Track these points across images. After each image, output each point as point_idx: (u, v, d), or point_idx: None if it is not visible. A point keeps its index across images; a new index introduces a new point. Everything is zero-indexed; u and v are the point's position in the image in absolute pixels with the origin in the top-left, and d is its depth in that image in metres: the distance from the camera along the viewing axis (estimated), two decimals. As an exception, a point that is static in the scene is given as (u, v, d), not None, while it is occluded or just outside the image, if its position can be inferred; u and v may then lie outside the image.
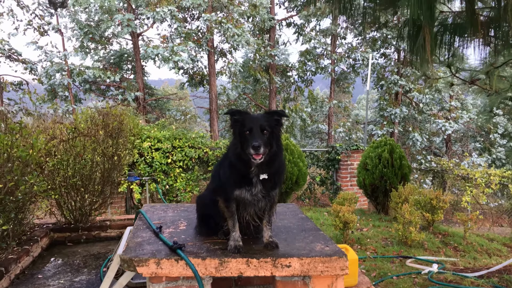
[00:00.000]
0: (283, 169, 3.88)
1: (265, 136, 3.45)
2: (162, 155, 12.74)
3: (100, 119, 7.40)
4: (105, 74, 23.60)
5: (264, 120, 3.56)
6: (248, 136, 3.44)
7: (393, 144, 11.82)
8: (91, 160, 7.39)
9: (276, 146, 3.59)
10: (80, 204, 7.62)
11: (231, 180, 3.60)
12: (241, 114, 3.69)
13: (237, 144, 3.56)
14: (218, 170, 3.81)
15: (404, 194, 10.47)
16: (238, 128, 3.58)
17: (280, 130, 3.77)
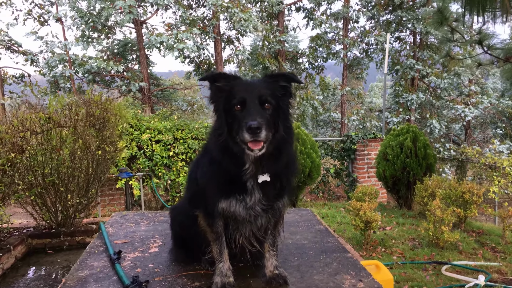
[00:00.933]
0: (294, 165, 2.85)
1: (267, 112, 2.49)
2: (163, 148, 11.73)
3: (80, 108, 6.39)
4: (108, 64, 22.61)
5: (265, 87, 2.58)
6: (240, 114, 2.48)
7: (416, 132, 10.68)
8: (71, 155, 6.39)
9: (285, 128, 2.60)
10: (62, 205, 6.65)
11: (213, 186, 2.59)
12: (227, 78, 2.66)
13: (221, 128, 2.57)
14: (195, 170, 2.79)
15: (430, 187, 9.37)
16: (223, 102, 2.59)
17: (290, 104, 2.75)
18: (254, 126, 2.29)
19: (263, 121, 2.38)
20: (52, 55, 22.67)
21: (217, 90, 2.69)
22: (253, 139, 2.34)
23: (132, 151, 11.22)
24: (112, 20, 23.28)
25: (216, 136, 2.60)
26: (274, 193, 2.66)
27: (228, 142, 2.53)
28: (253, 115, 2.39)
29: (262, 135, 2.34)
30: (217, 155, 2.58)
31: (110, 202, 11.80)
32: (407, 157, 10.49)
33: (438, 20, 13.35)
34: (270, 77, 2.74)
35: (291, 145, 2.69)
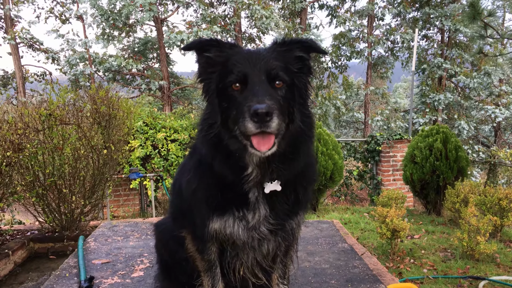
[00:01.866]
0: (314, 170, 2.32)
1: (278, 92, 1.98)
2: (179, 147, 11.28)
3: (84, 103, 5.96)
4: (128, 62, 22.40)
5: (275, 58, 2.05)
6: (239, 95, 1.96)
7: (447, 132, 9.99)
8: (74, 154, 5.97)
9: (302, 117, 2.09)
10: (66, 208, 6.24)
11: (202, 198, 2.06)
12: (220, 47, 2.13)
13: (213, 117, 2.07)
14: (179, 177, 2.28)
15: (463, 193, 8.68)
16: (216, 79, 2.09)
17: (309, 83, 2.21)
18: (262, 111, 1.74)
19: (274, 103, 1.82)
20: (73, 53, 22.57)
21: (207, 63, 2.16)
22: (260, 130, 1.79)
23: (147, 150, 10.81)
24: (133, 18, 23.06)
25: (206, 129, 2.07)
26: (286, 208, 2.12)
27: (223, 136, 2.01)
28: (260, 95, 1.83)
29: (274, 124, 1.79)
30: (207, 155, 2.05)
31: (125, 203, 11.42)
32: (436, 159, 9.81)
33: (470, 15, 12.61)
34: (282, 45, 2.17)
35: (310, 141, 2.14)
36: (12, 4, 22.89)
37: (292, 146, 2.05)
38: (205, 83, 2.21)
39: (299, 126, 2.07)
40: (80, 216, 6.42)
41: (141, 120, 11.01)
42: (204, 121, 2.16)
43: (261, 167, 2.07)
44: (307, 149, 2.12)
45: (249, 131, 1.82)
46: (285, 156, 2.05)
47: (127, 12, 20.83)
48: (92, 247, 2.83)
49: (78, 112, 5.88)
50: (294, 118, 2.04)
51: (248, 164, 2.07)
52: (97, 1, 21.46)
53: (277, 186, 2.07)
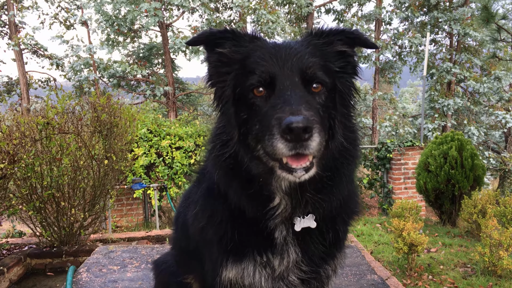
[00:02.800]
0: (357, 198, 1.97)
1: (316, 99, 1.65)
2: (184, 155, 10.96)
3: (84, 111, 5.65)
4: (133, 68, 22.17)
5: (311, 54, 1.70)
6: (264, 103, 1.63)
7: (462, 140, 9.61)
8: (73, 164, 5.66)
9: (346, 131, 1.76)
10: (64, 221, 5.93)
11: (213, 238, 1.72)
12: (237, 40, 1.78)
13: (228, 132, 1.73)
14: (184, 210, 1.93)
15: (480, 203, 8.29)
16: (232, 83, 1.75)
17: (354, 87, 1.85)
18: (299, 125, 1.38)
19: (313, 115, 1.47)
20: (77, 59, 22.37)
21: (220, 61, 1.79)
22: (294, 153, 1.45)
23: (151, 159, 10.49)
24: (138, 24, 22.86)
25: (219, 147, 1.72)
26: (322, 249, 1.76)
27: (241, 157, 1.65)
28: (294, 103, 1.48)
29: (314, 144, 1.44)
30: (220, 181, 1.70)
31: (128, 212, 11.09)
32: (451, 168, 9.42)
33: (483, 18, 12.25)
34: (319, 36, 1.81)
35: (354, 164, 1.78)
36: (16, 10, 22.75)
37: (332, 169, 1.69)
38: (218, 87, 1.83)
39: (341, 144, 1.71)
40: (79, 230, 6.11)
41: (145, 127, 10.71)
42: (216, 137, 1.79)
43: (292, 197, 1.68)
44: (350, 174, 1.76)
45: (279, 153, 1.45)
46: (322, 183, 1.68)
47: (132, 17, 20.62)
48: (84, 280, 2.49)
49: (77, 121, 5.56)
50: (335, 133, 1.69)
51: (275, 192, 1.68)
52: (102, 7, 21.27)
53: (311, 222, 1.70)
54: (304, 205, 1.69)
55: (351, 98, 1.81)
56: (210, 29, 1.80)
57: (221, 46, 1.79)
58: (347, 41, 1.83)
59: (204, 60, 1.86)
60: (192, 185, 2.07)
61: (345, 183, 1.73)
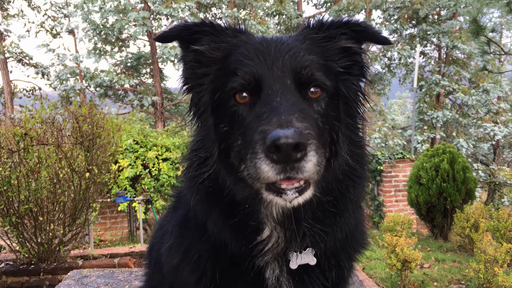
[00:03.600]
0: (363, 228, 1.74)
1: (314, 106, 1.40)
2: (171, 167, 10.68)
3: (64, 122, 5.40)
4: (120, 78, 21.89)
5: (308, 51, 1.44)
6: (248, 112, 1.38)
7: (454, 152, 9.48)
8: (53, 177, 5.38)
9: (350, 147, 1.52)
10: (43, 237, 5.63)
11: (190, 280, 1.46)
12: (217, 33, 1.54)
13: (206, 147, 1.50)
14: (158, 242, 1.70)
15: (473, 217, 8.13)
16: (211, 86, 1.50)
17: (361, 92, 1.62)
18: (288, 141, 1.14)
19: (308, 127, 1.23)
20: (63, 68, 22.04)
21: (197, 61, 1.55)
22: (284, 177, 1.21)
23: (137, 170, 10.20)
24: (126, 33, 22.62)
25: (196, 166, 1.48)
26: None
27: (223, 177, 1.41)
28: (283, 112, 1.24)
29: (309, 165, 1.20)
30: (197, 208, 1.46)
31: (112, 226, 10.76)
32: (443, 181, 9.28)
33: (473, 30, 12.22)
34: (319, 29, 1.55)
35: (362, 186, 1.55)
36: (1, 18, 22.40)
37: (336, 193, 1.44)
38: (194, 92, 1.58)
39: (346, 162, 1.47)
40: (59, 246, 5.82)
41: (131, 137, 10.43)
42: (193, 154, 1.55)
43: (286, 228, 1.42)
44: (357, 199, 1.52)
45: (263, 176, 1.21)
46: (323, 210, 1.43)
47: (120, 26, 20.40)
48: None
49: (58, 131, 5.30)
50: (339, 149, 1.44)
51: (265, 222, 1.42)
52: (89, 15, 21.01)
53: (310, 258, 1.46)
54: (301, 237, 1.43)
55: (358, 105, 1.57)
56: (184, 22, 1.56)
57: (198, 43, 1.55)
58: (353, 35, 1.57)
59: (179, 60, 1.62)
60: (167, 212, 1.81)
61: (352, 211, 1.49)
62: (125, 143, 9.93)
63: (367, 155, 1.60)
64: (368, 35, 1.60)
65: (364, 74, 1.64)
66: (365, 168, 1.59)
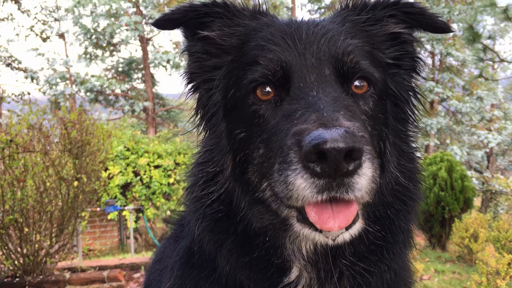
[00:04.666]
0: (408, 264, 1.45)
1: (361, 104, 1.12)
2: (163, 174, 10.44)
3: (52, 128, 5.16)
4: (111, 82, 21.61)
5: (350, 34, 1.15)
6: (272, 111, 1.08)
7: (452, 161, 9.33)
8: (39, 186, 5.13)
9: (400, 159, 1.25)
10: (28, 249, 5.37)
11: None
12: (232, 15, 1.22)
13: (216, 159, 1.21)
14: (156, 278, 1.45)
15: (472, 227, 7.97)
16: (224, 81, 1.20)
17: (414, 89, 1.37)
18: (338, 146, 0.86)
19: (361, 128, 0.96)
20: (53, 72, 21.71)
21: (206, 52, 1.27)
22: (329, 196, 0.93)
23: (128, 178, 9.94)
24: (117, 37, 22.37)
25: (202, 184, 1.21)
26: None
27: (237, 200, 1.15)
28: (325, 108, 0.97)
29: (363, 181, 0.93)
30: (204, 238, 1.18)
31: (102, 235, 10.46)
32: (441, 190, 9.11)
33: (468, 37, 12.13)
34: (361, 9, 1.27)
35: (415, 209, 1.28)
36: (-10, 22, 22.09)
37: (383, 220, 1.17)
38: (202, 90, 1.31)
39: (396, 180, 1.20)
40: (45, 258, 5.55)
41: (122, 144, 10.17)
42: (198, 168, 1.28)
43: (319, 267, 1.14)
44: (409, 227, 1.26)
45: (298, 195, 0.93)
46: (368, 242, 1.15)
47: (111, 30, 20.16)
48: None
49: (45, 138, 5.05)
50: (386, 163, 1.18)
51: (292, 260, 1.14)
52: (80, 19, 20.74)
53: None
54: (338, 278, 1.14)
55: (410, 107, 1.31)
56: (190, 3, 1.29)
57: (208, 28, 1.27)
58: (403, 19, 1.31)
59: (183, 51, 1.35)
60: (167, 241, 1.53)
61: (403, 243, 1.23)
62: (115, 150, 9.68)
63: (420, 170, 1.33)
64: (423, 19, 1.33)
65: (416, 68, 1.39)
66: (418, 186, 1.33)
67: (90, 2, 19.60)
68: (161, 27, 1.30)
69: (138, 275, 5.83)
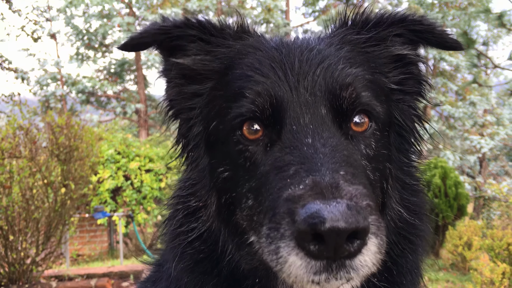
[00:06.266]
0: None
1: (361, 145, 0.97)
2: (154, 178, 10.29)
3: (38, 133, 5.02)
4: (103, 84, 21.42)
5: (348, 60, 1.00)
6: (261, 153, 0.94)
7: (446, 167, 9.28)
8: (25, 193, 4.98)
9: (403, 194, 1.15)
10: (13, 257, 5.22)
11: None
12: (211, 35, 1.12)
13: (199, 194, 1.09)
14: None
15: (466, 234, 7.91)
16: (206, 112, 1.09)
17: (418, 116, 1.23)
18: (340, 226, 0.75)
19: (365, 194, 0.83)
20: (44, 73, 21.48)
21: (184, 76, 1.15)
22: (325, 279, 0.82)
23: (118, 182, 9.78)
24: (110, 38, 22.20)
25: (182, 218, 1.09)
26: None
27: (223, 240, 1.03)
28: (323, 166, 0.84)
29: (367, 259, 0.82)
30: (182, 279, 1.04)
31: (91, 240, 10.30)
32: (435, 196, 9.05)
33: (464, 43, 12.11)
34: (362, 27, 1.15)
35: (423, 247, 1.18)
36: (-19, 21, 21.82)
37: (388, 261, 1.03)
38: (182, 119, 1.20)
39: (400, 217, 1.09)
40: (31, 266, 5.40)
41: (113, 147, 10.02)
42: (178, 200, 1.16)
43: None
44: (417, 266, 1.14)
45: (291, 273, 0.83)
46: (371, 286, 1.04)
47: (103, 31, 20.00)
48: None
49: (31, 143, 4.91)
50: (388, 200, 1.06)
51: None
52: (72, 20, 20.55)
53: None
54: None
55: (415, 137, 1.19)
56: (161, 22, 1.16)
57: (181, 52, 1.14)
58: (411, 37, 1.17)
59: (160, 75, 1.23)
60: (142, 285, 1.40)
61: (412, 283, 1.12)
62: (106, 153, 9.52)
63: (427, 203, 1.21)
64: (432, 37, 1.19)
65: (421, 92, 1.25)
66: (424, 221, 1.20)
67: (82, 2, 19.47)
68: (129, 50, 1.19)
69: (126, 284, 5.70)
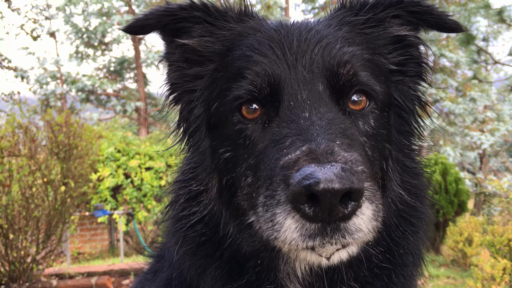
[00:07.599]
0: None
1: (359, 123, 0.97)
2: (154, 176, 10.29)
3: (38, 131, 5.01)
4: (102, 82, 21.40)
5: (346, 40, 1.01)
6: (260, 131, 0.94)
7: (446, 163, 9.27)
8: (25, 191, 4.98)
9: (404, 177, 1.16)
10: (14, 255, 5.21)
11: None
12: (214, 18, 1.08)
13: (200, 178, 1.10)
14: None
15: (466, 231, 7.91)
16: (206, 93, 1.08)
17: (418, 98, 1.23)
18: (334, 187, 0.74)
19: (360, 160, 0.85)
20: (44, 71, 21.47)
21: (187, 60, 1.16)
22: (320, 243, 0.82)
23: (118, 180, 9.78)
24: (109, 37, 22.17)
25: (183, 203, 1.10)
26: None
27: (224, 222, 1.04)
28: (319, 135, 0.85)
29: (362, 223, 0.82)
30: (185, 264, 1.04)
31: (92, 238, 10.30)
32: (435, 193, 9.02)
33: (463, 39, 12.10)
34: (360, 9, 1.15)
35: (424, 229, 1.17)
36: (-20, 20, 21.79)
37: (389, 242, 1.06)
38: (184, 102, 1.21)
39: (400, 198, 1.09)
40: (32, 264, 5.40)
41: (113, 145, 10.01)
42: (179, 185, 1.18)
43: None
44: (418, 248, 1.15)
45: (285, 240, 0.82)
46: (372, 266, 1.04)
47: (103, 29, 19.97)
48: None
49: (30, 142, 4.90)
50: (389, 182, 1.07)
51: (285, 284, 1.02)
52: (71, 18, 20.52)
53: None
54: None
55: (415, 118, 1.19)
56: (166, 5, 1.12)
57: (186, 34, 1.15)
58: (409, 19, 1.18)
59: (161, 59, 1.23)
60: (143, 277, 1.40)
61: (413, 265, 1.13)
62: (106, 152, 9.51)
63: (427, 185, 1.21)
64: (431, 18, 1.20)
65: (422, 74, 1.26)
66: (425, 203, 1.22)
67: (81, 0, 19.45)
68: (133, 33, 1.18)
69: (127, 282, 5.69)
